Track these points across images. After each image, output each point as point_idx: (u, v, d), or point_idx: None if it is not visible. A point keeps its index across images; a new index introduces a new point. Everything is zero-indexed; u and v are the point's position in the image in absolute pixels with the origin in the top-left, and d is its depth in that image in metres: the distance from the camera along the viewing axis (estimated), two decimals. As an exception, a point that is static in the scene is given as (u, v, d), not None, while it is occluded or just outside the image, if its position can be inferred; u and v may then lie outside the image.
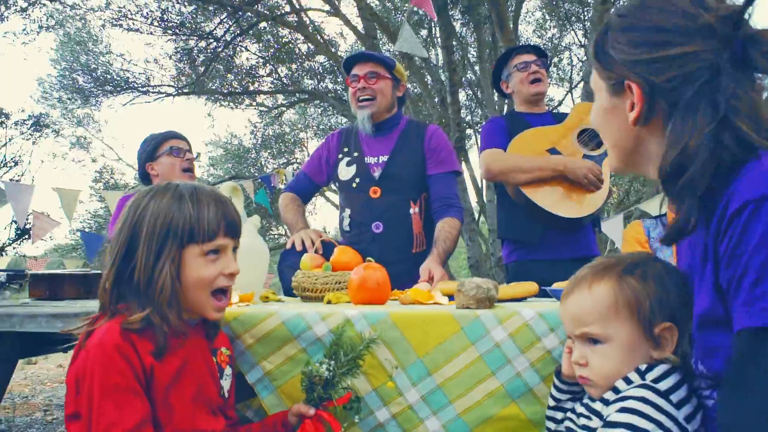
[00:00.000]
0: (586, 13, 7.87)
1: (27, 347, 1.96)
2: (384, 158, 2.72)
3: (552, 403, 1.27)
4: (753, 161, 0.89)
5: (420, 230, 2.64)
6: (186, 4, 6.90)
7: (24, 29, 6.39)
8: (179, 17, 7.48)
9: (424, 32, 7.21)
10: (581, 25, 8.54)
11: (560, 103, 9.96)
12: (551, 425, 1.26)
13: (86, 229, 6.34)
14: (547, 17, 9.38)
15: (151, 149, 2.93)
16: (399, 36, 3.64)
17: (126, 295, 1.18)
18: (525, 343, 1.40)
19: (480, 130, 4.40)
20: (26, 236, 6.99)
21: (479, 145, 3.21)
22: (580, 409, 1.17)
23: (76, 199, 5.13)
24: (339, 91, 8.63)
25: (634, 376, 1.05)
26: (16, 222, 5.99)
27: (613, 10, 1.31)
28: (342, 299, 1.79)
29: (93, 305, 1.66)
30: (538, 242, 2.81)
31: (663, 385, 1.02)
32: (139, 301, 1.16)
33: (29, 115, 6.05)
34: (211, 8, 6.97)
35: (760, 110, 0.92)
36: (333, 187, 3.10)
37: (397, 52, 5.90)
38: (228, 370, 1.38)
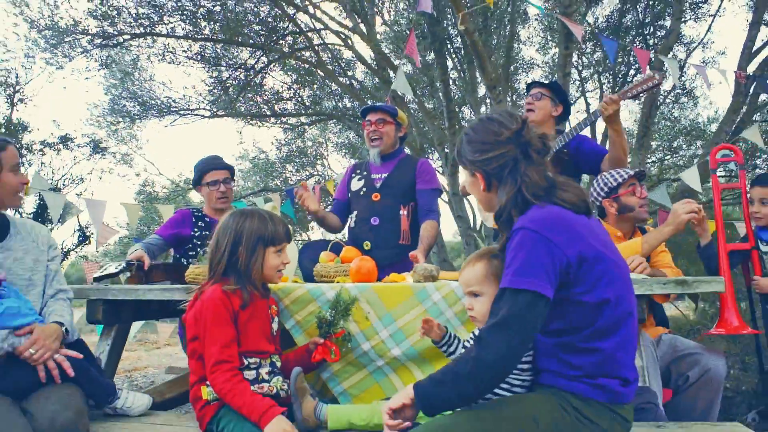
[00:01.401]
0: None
1: (139, 313, 2.90)
2: (385, 175, 3.63)
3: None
4: (529, 210, 1.77)
5: (407, 228, 3.51)
6: (218, 42, 7.85)
7: (87, 67, 7.44)
8: (214, 52, 8.48)
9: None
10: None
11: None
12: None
13: (136, 236, 7.24)
14: (548, 38, 10.11)
15: (197, 178, 3.69)
16: (395, 79, 4.55)
17: (229, 272, 2.10)
18: (451, 301, 2.29)
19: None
20: (87, 242, 7.88)
21: None
22: (474, 336, 2.06)
23: (137, 212, 6.09)
24: (356, 109, 9.48)
25: None
26: (79, 230, 6.86)
27: (464, 129, 2.16)
28: (346, 281, 2.70)
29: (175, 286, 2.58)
30: None
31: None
32: (238, 277, 2.08)
33: (91, 140, 7.02)
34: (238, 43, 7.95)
35: (537, 181, 1.79)
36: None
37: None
38: (276, 319, 2.29)
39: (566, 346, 1.70)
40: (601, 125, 7.68)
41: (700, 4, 8.37)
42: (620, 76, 8.05)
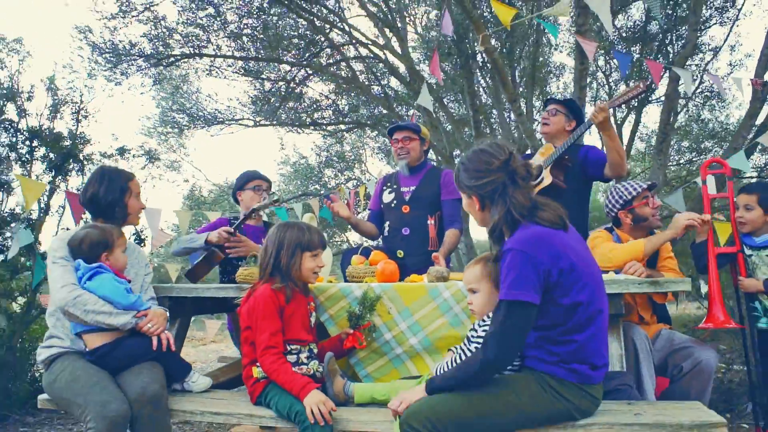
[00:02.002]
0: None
1: (197, 308, 3.39)
2: (413, 188, 4.04)
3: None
4: (516, 230, 2.15)
5: (434, 236, 3.91)
6: (260, 61, 8.37)
7: (142, 83, 8.08)
8: (256, 66, 9.02)
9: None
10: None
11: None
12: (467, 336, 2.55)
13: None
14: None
15: (242, 182, 4.14)
16: (420, 95, 4.96)
17: (275, 274, 2.55)
18: (459, 298, 2.68)
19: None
20: (142, 244, 8.42)
21: None
22: (474, 328, 2.45)
23: (188, 218, 6.63)
24: (391, 116, 9.91)
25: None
26: (135, 234, 7.35)
27: (461, 157, 2.57)
28: (373, 281, 3.11)
29: (228, 285, 3.05)
30: None
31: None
32: (282, 277, 2.52)
33: (146, 150, 7.61)
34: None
35: (522, 202, 2.13)
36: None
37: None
38: (314, 313, 2.72)
39: (547, 338, 2.09)
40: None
41: (727, 8, 8.54)
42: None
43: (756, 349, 3.37)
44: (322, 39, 8.14)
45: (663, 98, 6.70)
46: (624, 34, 7.62)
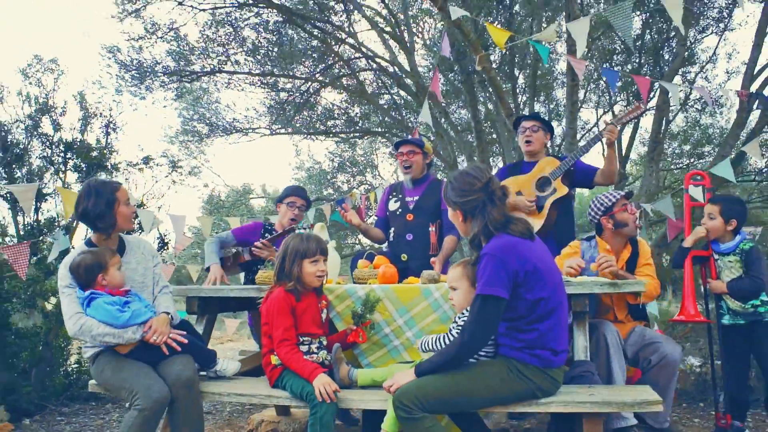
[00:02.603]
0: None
1: (222, 307, 3.84)
2: (416, 198, 4.42)
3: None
4: (491, 239, 2.55)
5: (435, 242, 4.27)
6: (275, 76, 8.86)
7: (165, 97, 8.61)
8: (272, 78, 9.48)
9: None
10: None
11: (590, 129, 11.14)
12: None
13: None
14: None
15: (282, 196, 4.55)
16: (422, 111, 5.37)
17: (284, 279, 2.95)
18: (447, 298, 3.08)
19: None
20: (165, 248, 8.85)
21: None
22: (455, 321, 2.85)
23: (210, 223, 7.09)
24: (399, 123, 10.32)
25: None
26: (159, 238, 7.77)
27: (448, 177, 3.04)
28: (375, 282, 3.52)
29: (250, 286, 3.49)
30: None
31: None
32: (289, 282, 2.94)
33: (170, 159, 8.11)
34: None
35: (497, 218, 2.54)
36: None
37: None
38: (324, 311, 3.14)
39: (515, 327, 2.50)
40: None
41: (724, 18, 8.82)
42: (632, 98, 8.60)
43: (720, 343, 3.75)
44: (332, 55, 8.59)
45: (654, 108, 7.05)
46: (618, 48, 7.97)
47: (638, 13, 7.88)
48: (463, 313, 2.67)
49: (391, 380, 2.55)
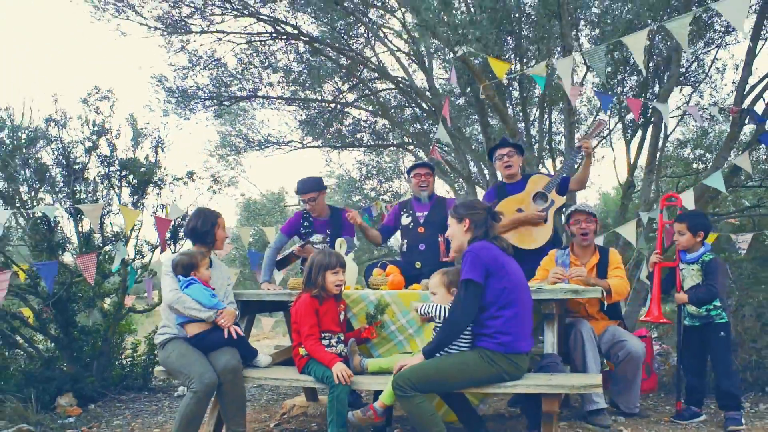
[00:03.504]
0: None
1: (260, 308, 4.56)
2: (425, 213, 5.07)
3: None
4: (475, 243, 3.23)
5: (444, 250, 4.85)
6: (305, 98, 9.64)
7: (207, 118, 9.47)
8: (304, 94, 10.24)
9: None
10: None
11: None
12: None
13: (251, 248, 8.84)
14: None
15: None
16: (438, 130, 6.02)
17: (310, 286, 3.63)
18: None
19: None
20: None
21: None
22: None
23: (249, 232, 7.87)
24: (423, 134, 10.94)
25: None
26: None
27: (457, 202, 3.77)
28: (386, 288, 4.19)
29: (283, 291, 4.20)
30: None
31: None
32: (314, 289, 3.62)
33: (212, 174, 8.88)
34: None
35: (494, 231, 3.26)
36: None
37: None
38: (342, 312, 3.81)
39: (488, 316, 3.13)
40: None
41: (730, 32, 9.19)
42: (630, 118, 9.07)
43: (681, 341, 4.32)
44: (356, 75, 9.32)
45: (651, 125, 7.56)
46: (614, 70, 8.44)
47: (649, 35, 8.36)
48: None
49: (403, 361, 3.22)
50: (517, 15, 6.88)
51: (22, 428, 4.70)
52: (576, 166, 4.69)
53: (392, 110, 9.88)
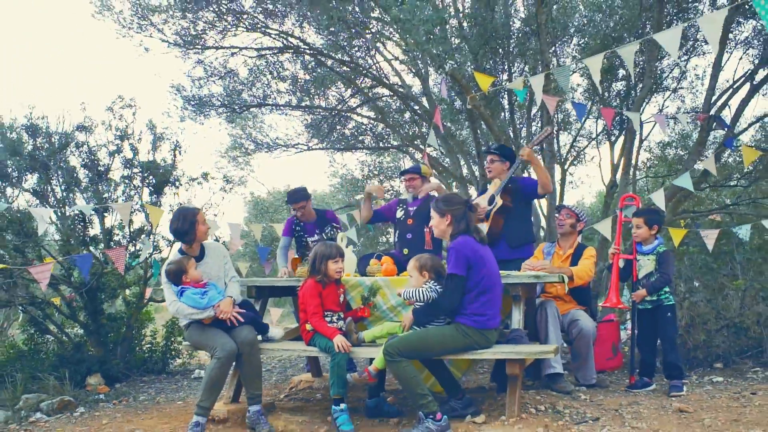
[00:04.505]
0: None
1: (272, 293, 5.21)
2: (415, 207, 5.66)
3: None
4: (458, 237, 3.83)
5: (429, 239, 5.40)
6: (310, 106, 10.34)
7: (219, 122, 10.17)
8: (309, 100, 10.86)
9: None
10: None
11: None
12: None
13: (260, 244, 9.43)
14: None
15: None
16: (428, 137, 6.64)
17: (314, 273, 4.24)
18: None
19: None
20: None
21: None
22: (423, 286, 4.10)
23: (260, 229, 8.46)
24: (423, 137, 11.54)
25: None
26: (215, 240, 9.01)
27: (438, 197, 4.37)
28: (379, 275, 4.80)
29: (292, 278, 4.84)
30: None
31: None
32: (318, 275, 4.24)
33: (224, 175, 9.52)
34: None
35: (472, 223, 3.86)
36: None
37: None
38: (342, 295, 4.43)
39: (468, 300, 3.70)
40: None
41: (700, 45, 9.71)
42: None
43: (635, 321, 4.94)
44: (357, 82, 9.98)
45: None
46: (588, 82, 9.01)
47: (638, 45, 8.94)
48: (423, 285, 3.90)
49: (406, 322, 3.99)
50: (502, 32, 7.49)
51: (65, 399, 5.35)
52: (513, 172, 5.26)
53: (392, 115, 10.49)
